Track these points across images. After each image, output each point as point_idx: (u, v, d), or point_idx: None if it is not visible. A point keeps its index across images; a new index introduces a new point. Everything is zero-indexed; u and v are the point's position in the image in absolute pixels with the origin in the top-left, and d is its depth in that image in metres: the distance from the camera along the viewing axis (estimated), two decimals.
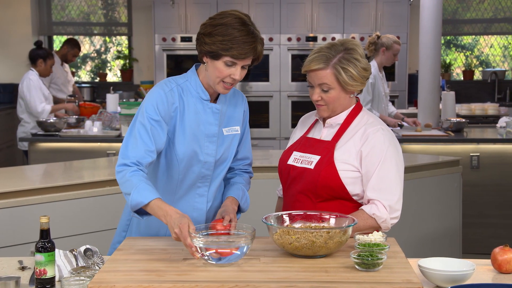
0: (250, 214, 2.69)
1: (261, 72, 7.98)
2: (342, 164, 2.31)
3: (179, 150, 2.29)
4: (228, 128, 2.38)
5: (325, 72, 2.32)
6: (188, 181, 2.35)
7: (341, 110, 2.40)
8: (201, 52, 2.27)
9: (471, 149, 5.27)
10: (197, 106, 2.31)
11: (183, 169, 2.32)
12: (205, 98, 2.32)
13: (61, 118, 5.86)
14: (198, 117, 2.31)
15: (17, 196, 3.43)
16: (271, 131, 8.08)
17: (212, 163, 2.35)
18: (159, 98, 2.25)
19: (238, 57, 2.20)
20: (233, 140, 2.40)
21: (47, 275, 1.96)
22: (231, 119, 2.40)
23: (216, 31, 2.20)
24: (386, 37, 5.37)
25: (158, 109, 2.24)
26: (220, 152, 2.36)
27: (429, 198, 4.37)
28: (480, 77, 8.98)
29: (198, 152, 2.31)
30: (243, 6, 7.96)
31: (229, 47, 2.18)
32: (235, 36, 2.19)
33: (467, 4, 8.87)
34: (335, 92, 2.34)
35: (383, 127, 2.37)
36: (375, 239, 2.11)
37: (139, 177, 2.16)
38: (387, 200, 2.29)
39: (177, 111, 2.28)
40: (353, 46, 2.34)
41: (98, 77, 9.20)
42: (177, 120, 2.28)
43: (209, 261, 1.97)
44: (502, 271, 2.08)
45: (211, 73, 2.25)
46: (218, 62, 2.22)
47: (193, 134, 2.30)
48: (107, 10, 9.09)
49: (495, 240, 5.00)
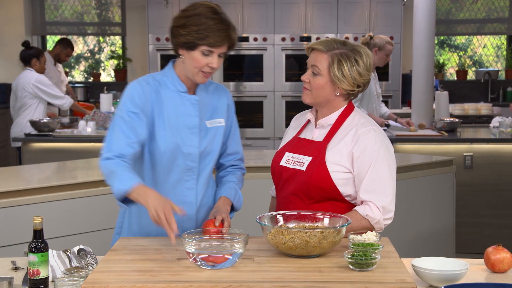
0: (243, 214, 2.69)
1: (255, 72, 7.98)
2: (334, 165, 2.31)
3: (161, 143, 2.32)
4: (212, 120, 2.40)
5: (322, 55, 2.33)
6: (174, 174, 2.36)
7: (325, 104, 2.38)
8: (176, 44, 2.30)
9: (465, 149, 5.29)
10: (175, 99, 2.35)
11: (167, 162, 2.34)
12: (182, 90, 2.35)
13: (55, 118, 5.85)
14: (177, 109, 2.34)
15: (10, 196, 3.42)
16: (265, 131, 8.08)
17: (196, 155, 2.36)
18: (135, 91, 2.30)
19: (214, 45, 2.24)
20: (217, 133, 2.41)
21: (40, 276, 1.95)
22: (215, 111, 2.42)
23: (190, 21, 2.24)
24: (379, 38, 5.38)
25: (135, 101, 2.28)
26: (204, 144, 2.37)
27: (423, 198, 4.38)
28: (473, 77, 9.01)
29: (181, 144, 2.33)
30: (237, 6, 7.96)
31: (204, 36, 2.22)
32: (209, 25, 2.23)
33: (461, 4, 8.89)
34: (322, 80, 2.33)
35: (375, 128, 2.36)
36: (368, 239, 2.11)
37: (121, 167, 2.20)
38: (380, 201, 2.29)
39: (155, 104, 2.31)
40: (361, 50, 2.34)
41: (91, 77, 9.19)
42: (155, 113, 2.31)
43: (202, 266, 1.96)
44: (495, 271, 2.08)
45: (189, 65, 2.29)
46: (194, 53, 2.26)
47: (174, 127, 2.33)
48: (100, 10, 9.07)
49: (488, 240, 5.02)
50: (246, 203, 4.04)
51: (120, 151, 2.24)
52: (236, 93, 8.03)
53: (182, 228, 2.33)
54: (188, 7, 2.29)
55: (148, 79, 2.35)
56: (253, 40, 7.95)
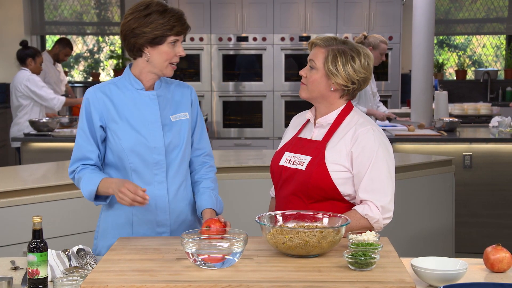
0: (243, 213, 2.69)
1: (255, 72, 7.98)
2: (333, 165, 2.31)
3: (125, 141, 2.39)
4: (176, 114, 2.48)
5: (320, 50, 2.36)
6: (143, 169, 2.42)
7: (321, 100, 2.39)
8: (140, 45, 2.36)
9: (464, 149, 5.29)
10: (134, 97, 2.43)
11: (133, 158, 2.40)
12: (139, 87, 2.43)
13: (54, 118, 5.85)
14: (137, 106, 2.42)
15: (9, 196, 3.42)
16: (264, 131, 8.08)
17: (162, 148, 2.42)
18: (87, 104, 2.41)
19: (181, 32, 2.36)
20: (182, 126, 2.47)
21: (39, 276, 1.95)
22: (178, 106, 2.49)
23: (151, 17, 2.33)
24: (373, 37, 5.40)
25: (85, 117, 2.41)
26: (169, 138, 2.44)
27: (422, 197, 4.38)
28: (472, 76, 9.01)
29: (144, 139, 2.40)
30: (236, 6, 7.96)
31: (172, 26, 2.33)
32: (172, 15, 2.34)
33: (460, 4, 8.89)
34: (318, 74, 2.35)
35: (374, 128, 2.36)
36: (368, 238, 2.11)
37: (85, 172, 2.38)
38: (379, 200, 2.29)
39: (110, 108, 2.40)
40: (360, 50, 2.36)
41: (91, 76, 9.18)
42: (113, 116, 2.40)
43: (201, 266, 1.96)
44: (494, 270, 2.08)
45: (157, 60, 2.37)
46: (162, 46, 2.35)
47: (136, 123, 2.40)
48: (100, 9, 9.06)
49: (488, 240, 5.03)
50: (246, 202, 4.05)
51: (81, 161, 2.41)
52: (235, 92, 8.03)
53: (156, 221, 2.45)
54: (137, 9, 2.36)
55: (102, 87, 2.44)
56: (253, 39, 7.95)
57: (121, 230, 2.46)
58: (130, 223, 2.45)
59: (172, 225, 2.47)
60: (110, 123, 2.40)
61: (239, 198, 4.06)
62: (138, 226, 2.45)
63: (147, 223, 2.45)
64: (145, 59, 2.39)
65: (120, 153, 2.40)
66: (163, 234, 2.46)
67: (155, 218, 2.44)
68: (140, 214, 2.44)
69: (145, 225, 2.45)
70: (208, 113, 8.05)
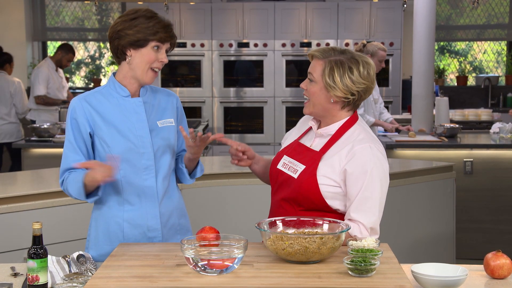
0: (243, 219, 2.69)
1: (256, 78, 7.99)
2: (324, 178, 2.29)
3: (114, 147, 2.41)
4: (163, 120, 2.51)
5: (318, 62, 2.34)
6: (132, 175, 2.44)
7: (324, 113, 2.37)
8: (123, 47, 2.39)
9: (465, 155, 5.29)
10: (120, 105, 2.45)
11: (123, 165, 2.41)
12: (125, 94, 2.46)
13: (55, 124, 5.86)
14: (124, 113, 2.44)
15: (9, 202, 3.42)
16: (265, 137, 8.08)
17: (151, 153, 2.44)
18: (73, 114, 2.42)
19: (164, 39, 2.38)
20: (169, 132, 2.51)
21: (39, 282, 1.95)
22: (164, 112, 2.52)
23: (137, 21, 2.37)
24: (371, 45, 5.43)
25: (71, 128, 2.42)
26: (157, 143, 2.46)
27: (423, 203, 4.38)
28: (473, 82, 9.02)
29: (133, 145, 2.42)
30: (238, 12, 7.98)
31: (155, 31, 2.36)
32: (157, 21, 2.38)
33: (461, 10, 8.91)
34: (317, 87, 2.33)
35: (372, 145, 2.30)
36: (368, 244, 2.11)
37: (71, 176, 2.40)
38: (369, 222, 2.27)
39: (96, 117, 2.42)
40: (358, 59, 2.32)
41: (92, 82, 9.20)
42: (100, 125, 2.42)
43: (201, 272, 1.96)
44: (495, 277, 2.08)
45: (138, 63, 2.40)
46: (144, 49, 2.38)
47: (124, 129, 2.42)
48: (101, 15, 9.09)
49: (488, 246, 5.02)
50: (246, 208, 4.04)
51: (69, 167, 2.42)
52: (236, 98, 8.04)
53: (147, 225, 2.47)
54: (126, 13, 2.41)
55: (87, 96, 2.46)
56: (254, 45, 7.97)
57: (112, 237, 2.47)
58: (121, 229, 2.46)
59: (163, 229, 2.49)
60: (98, 131, 2.42)
61: (239, 204, 4.06)
62: (129, 231, 2.45)
63: (138, 228, 2.46)
64: (127, 62, 2.41)
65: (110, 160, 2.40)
66: (155, 239, 2.47)
67: (145, 223, 2.46)
68: (131, 219, 2.45)
69: (136, 230, 2.46)
70: (209, 119, 8.06)
